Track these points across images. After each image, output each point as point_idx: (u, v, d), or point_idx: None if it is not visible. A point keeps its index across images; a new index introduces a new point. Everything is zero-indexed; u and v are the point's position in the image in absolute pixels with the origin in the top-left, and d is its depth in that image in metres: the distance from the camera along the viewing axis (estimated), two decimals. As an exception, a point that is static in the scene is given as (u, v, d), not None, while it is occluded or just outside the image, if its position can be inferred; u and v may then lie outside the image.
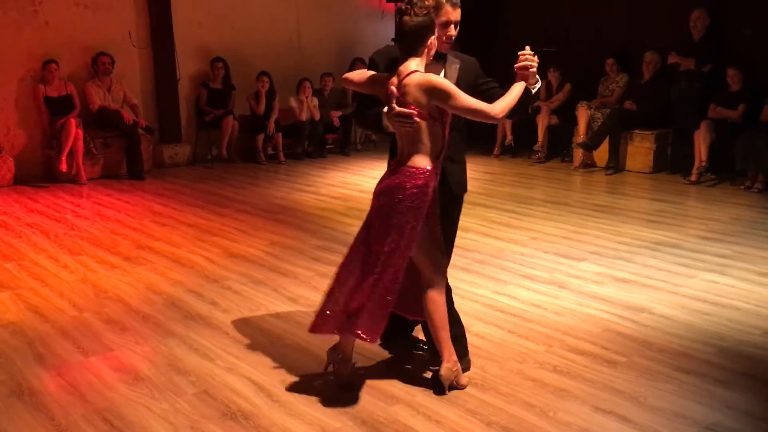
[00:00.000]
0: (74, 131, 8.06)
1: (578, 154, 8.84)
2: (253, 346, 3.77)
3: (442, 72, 3.17)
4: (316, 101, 9.79)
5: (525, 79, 3.07)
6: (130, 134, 8.55)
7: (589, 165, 8.86)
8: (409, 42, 2.98)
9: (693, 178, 7.82)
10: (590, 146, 8.53)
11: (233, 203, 7.20)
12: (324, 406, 3.14)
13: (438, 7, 3.01)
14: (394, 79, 3.00)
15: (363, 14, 11.14)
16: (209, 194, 7.67)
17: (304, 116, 9.65)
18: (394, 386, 3.31)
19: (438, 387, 3.22)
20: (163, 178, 8.60)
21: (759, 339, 3.79)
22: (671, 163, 8.48)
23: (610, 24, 9.00)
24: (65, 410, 3.13)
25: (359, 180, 8.21)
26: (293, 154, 9.83)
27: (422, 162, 3.03)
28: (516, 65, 3.09)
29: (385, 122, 3.10)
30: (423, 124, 2.98)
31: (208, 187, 8.05)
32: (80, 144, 8.16)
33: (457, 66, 3.21)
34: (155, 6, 9.13)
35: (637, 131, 8.46)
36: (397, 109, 2.95)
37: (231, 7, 9.76)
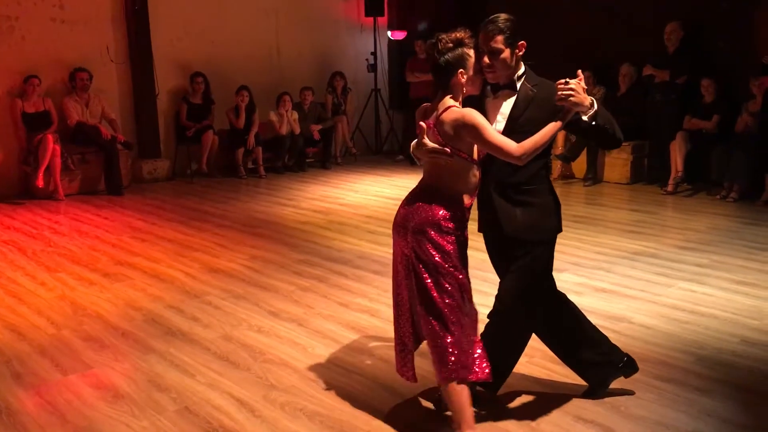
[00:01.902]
0: (51, 147, 7.99)
1: (557, 165, 8.92)
2: (234, 362, 3.75)
3: (505, 102, 3.02)
4: (296, 115, 9.80)
5: (569, 111, 2.88)
6: (108, 149, 8.49)
7: (567, 176, 8.94)
8: (437, 77, 2.93)
9: (669, 188, 7.92)
10: (569, 158, 8.61)
11: (213, 218, 7.17)
12: (306, 421, 3.13)
13: (471, 36, 2.92)
14: (434, 113, 2.94)
15: (342, 28, 11.19)
16: (189, 209, 7.63)
17: (284, 130, 9.65)
18: (378, 400, 3.31)
19: (438, 404, 3.22)
20: (142, 194, 8.54)
21: (737, 347, 3.84)
22: (648, 173, 8.59)
23: (587, 37, 9.11)
24: (44, 430, 3.09)
25: (340, 193, 8.22)
26: (273, 168, 9.82)
27: (458, 200, 2.95)
28: (555, 99, 2.87)
29: (414, 154, 3.02)
30: (457, 160, 2.90)
31: (188, 202, 8.01)
32: (58, 160, 8.09)
33: (515, 98, 3.00)
34: (133, 21, 9.10)
35: (614, 143, 8.56)
36: (430, 145, 2.89)
37: (210, 22, 9.76)
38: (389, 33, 11.32)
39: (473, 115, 2.84)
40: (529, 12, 9.68)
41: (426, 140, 2.91)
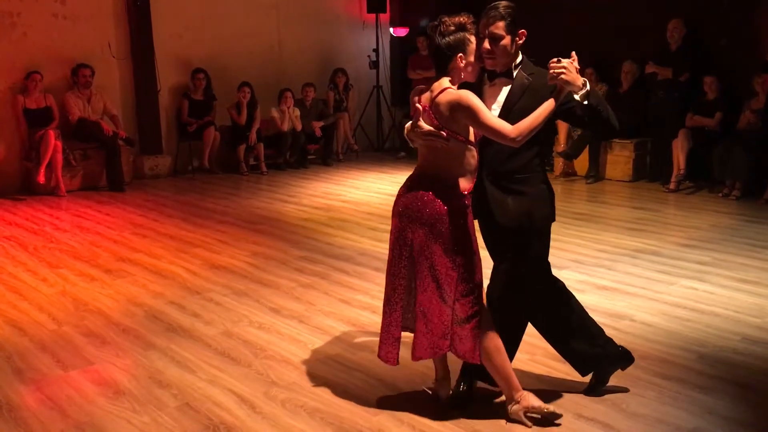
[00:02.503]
0: (53, 143, 7.99)
1: (559, 163, 8.91)
2: (235, 358, 3.75)
3: (502, 90, 3.02)
4: (297, 112, 9.79)
5: (562, 90, 2.88)
6: (109, 146, 8.49)
7: (569, 174, 8.93)
8: (436, 60, 2.95)
9: (672, 186, 7.91)
10: (570, 155, 8.60)
11: (215, 214, 7.17)
12: (307, 417, 3.13)
13: (474, 23, 2.94)
14: (427, 95, 2.94)
15: (344, 24, 11.17)
16: (190, 205, 7.63)
17: (286, 127, 9.64)
18: (379, 396, 3.31)
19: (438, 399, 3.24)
20: (144, 190, 8.54)
21: (738, 345, 3.83)
22: (650, 171, 8.58)
23: (589, 35, 9.08)
24: (45, 425, 3.10)
25: (341, 190, 8.21)
26: (275, 164, 9.81)
27: (461, 183, 2.95)
28: (548, 78, 2.87)
29: (409, 136, 3.02)
30: (453, 143, 2.89)
31: (189, 199, 8.01)
32: (59, 156, 8.10)
33: (511, 87, 3.00)
34: (135, 17, 9.09)
35: (616, 140, 8.54)
36: (426, 127, 2.89)
37: (211, 18, 9.74)
38: (391, 29, 11.30)
39: (469, 96, 2.84)
40: (530, 9, 9.70)
41: (422, 123, 2.91)
